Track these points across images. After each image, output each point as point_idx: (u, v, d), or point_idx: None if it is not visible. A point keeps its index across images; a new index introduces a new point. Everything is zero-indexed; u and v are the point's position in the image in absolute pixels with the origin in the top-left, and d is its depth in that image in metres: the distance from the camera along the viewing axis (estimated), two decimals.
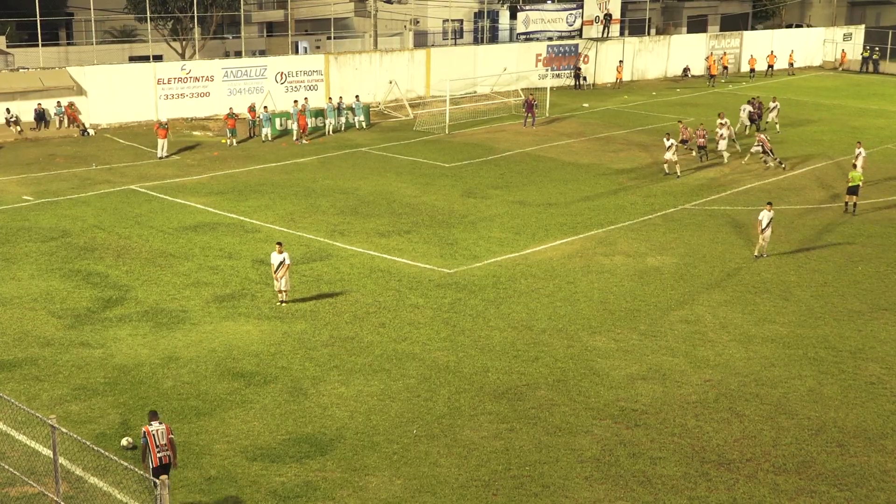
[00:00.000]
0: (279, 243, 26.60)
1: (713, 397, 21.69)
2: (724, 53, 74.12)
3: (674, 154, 41.63)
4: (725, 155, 43.99)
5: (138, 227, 33.26)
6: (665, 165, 41.94)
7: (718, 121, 46.01)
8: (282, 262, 26.01)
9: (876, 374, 23.02)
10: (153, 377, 22.10)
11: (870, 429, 20.46)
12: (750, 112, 51.36)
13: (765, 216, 30.80)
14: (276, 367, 22.70)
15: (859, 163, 38.67)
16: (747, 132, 50.42)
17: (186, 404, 20.87)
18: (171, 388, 21.65)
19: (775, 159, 42.85)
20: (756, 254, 31.21)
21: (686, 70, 72.18)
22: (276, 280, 26.26)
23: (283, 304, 26.29)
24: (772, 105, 51.45)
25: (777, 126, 51.48)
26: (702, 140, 43.83)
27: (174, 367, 22.67)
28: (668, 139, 42.05)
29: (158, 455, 16.71)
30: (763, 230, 30.84)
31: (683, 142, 44.67)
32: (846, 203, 37.07)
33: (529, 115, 52.25)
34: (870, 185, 40.45)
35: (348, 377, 22.29)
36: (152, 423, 16.88)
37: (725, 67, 73.00)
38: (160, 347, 23.70)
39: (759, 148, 42.89)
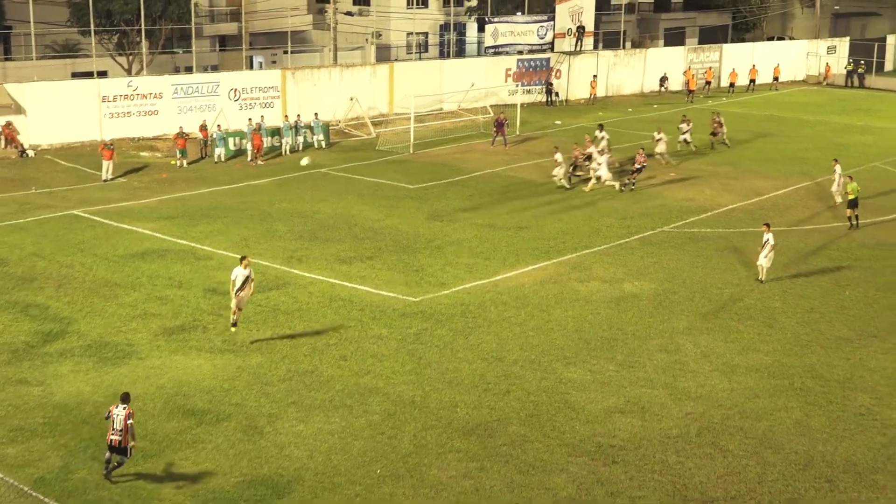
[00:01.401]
0: (244, 257, 26.37)
1: (695, 431, 21.75)
2: (710, 69, 74.75)
3: (563, 168, 43.14)
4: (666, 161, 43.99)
5: (81, 255, 32.99)
6: (555, 178, 43.27)
7: (655, 136, 47.91)
8: (247, 279, 25.81)
9: (865, 404, 23.19)
10: (97, 416, 21.84)
11: (860, 463, 20.58)
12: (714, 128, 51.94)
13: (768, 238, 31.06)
14: (229, 404, 22.53)
15: (838, 181, 39.26)
16: (694, 148, 50.86)
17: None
18: None
19: (622, 180, 43.35)
20: (762, 275, 31.52)
21: (664, 79, 72.70)
22: (235, 297, 25.99)
23: (234, 328, 26.09)
24: (685, 128, 51.58)
25: (713, 144, 51.55)
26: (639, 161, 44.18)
27: None
28: (557, 151, 43.85)
29: (111, 436, 18.85)
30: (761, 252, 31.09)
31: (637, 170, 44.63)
32: (849, 219, 37.55)
33: (499, 134, 52.41)
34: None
35: (307, 414, 22.16)
36: (119, 405, 18.91)
37: (708, 82, 73.62)
38: (104, 384, 23.46)
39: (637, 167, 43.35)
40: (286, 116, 52.46)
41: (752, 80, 75.29)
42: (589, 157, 44.42)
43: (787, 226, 38.07)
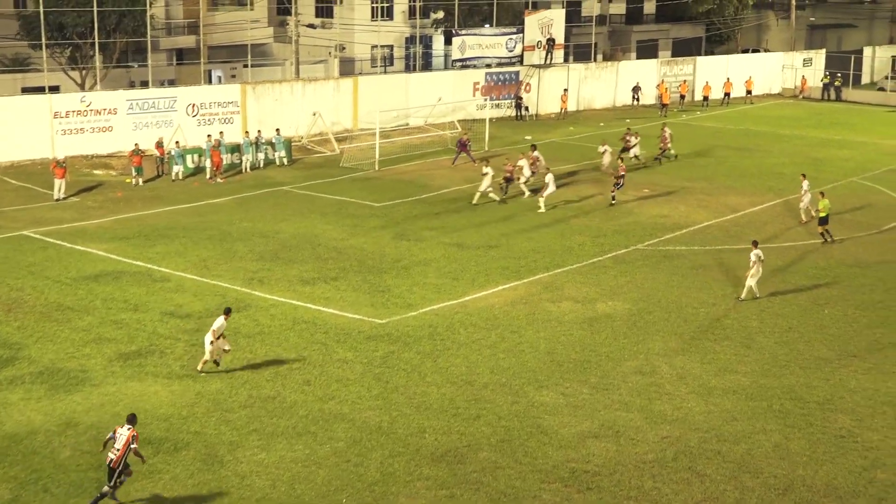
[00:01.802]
0: (229, 310, 25.93)
1: (671, 455, 21.80)
2: (684, 82, 75.29)
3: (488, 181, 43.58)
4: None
5: (32, 278, 32.72)
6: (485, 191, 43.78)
7: (599, 148, 49.00)
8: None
9: (846, 426, 23.34)
10: (48, 446, 21.63)
11: (841, 486, 20.70)
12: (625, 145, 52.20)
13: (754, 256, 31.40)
14: (187, 432, 22.37)
15: (806, 199, 39.61)
16: (637, 161, 51.45)
17: (86, 476, 20.45)
18: (69, 458, 21.20)
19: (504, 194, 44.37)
20: (752, 295, 31.76)
21: (636, 89, 73.09)
22: (215, 344, 25.37)
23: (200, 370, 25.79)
24: (633, 140, 52.01)
25: (636, 158, 51.92)
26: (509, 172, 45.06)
27: (72, 434, 22.22)
28: (485, 165, 44.32)
29: (109, 455, 19.25)
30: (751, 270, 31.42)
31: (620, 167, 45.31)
32: (821, 234, 37.92)
33: (463, 153, 52.22)
34: (834, 221, 41.25)
35: (269, 441, 22.04)
36: (124, 425, 19.37)
37: (683, 96, 74.12)
38: (56, 412, 23.24)
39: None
40: (247, 132, 52.34)
41: (727, 94, 75.90)
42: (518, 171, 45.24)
43: (764, 243, 38.30)
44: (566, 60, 73.09)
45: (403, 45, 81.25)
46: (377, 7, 78.11)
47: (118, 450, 19.11)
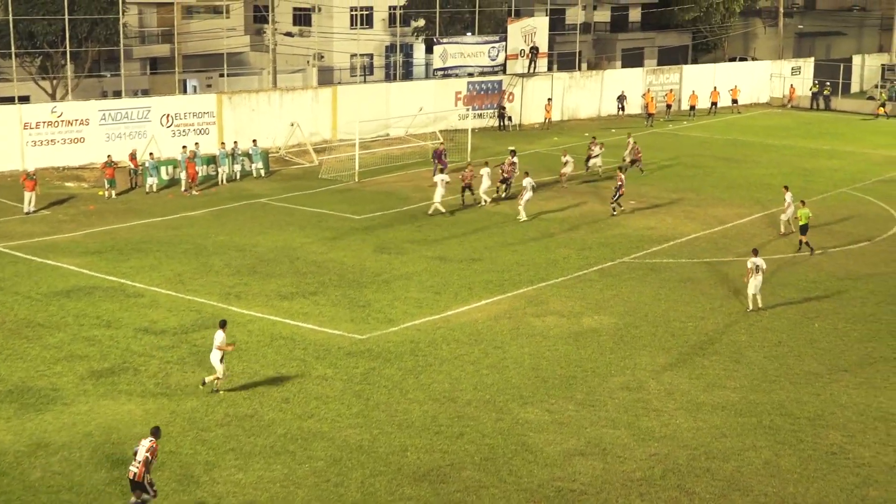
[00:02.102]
0: (223, 323, 25.79)
1: (660, 473, 21.82)
2: (670, 91, 75.56)
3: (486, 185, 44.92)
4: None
5: (1, 294, 32.56)
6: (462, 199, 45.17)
7: (563, 158, 49.45)
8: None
9: (837, 442, 23.41)
10: (18, 467, 21.50)
11: None
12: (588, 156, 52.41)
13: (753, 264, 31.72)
14: (162, 452, 22.23)
15: (789, 211, 39.79)
16: (601, 173, 51.76)
17: (58, 498, 20.33)
18: (40, 479, 21.08)
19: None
20: (757, 304, 32.09)
21: (622, 98, 73.27)
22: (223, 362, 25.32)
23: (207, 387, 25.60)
24: (596, 150, 52.03)
25: (600, 171, 52.13)
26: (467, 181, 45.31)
27: (43, 455, 22.10)
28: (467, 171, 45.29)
29: (131, 468, 19.50)
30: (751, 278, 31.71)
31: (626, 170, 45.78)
32: (800, 243, 38.06)
33: (441, 165, 52.19)
34: (824, 232, 41.45)
35: (247, 461, 21.97)
36: (147, 437, 19.67)
37: (669, 106, 74.32)
38: (26, 432, 23.11)
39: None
40: (223, 143, 52.26)
41: (714, 103, 76.19)
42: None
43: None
44: (550, 69, 73.32)
45: (383, 54, 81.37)
46: (356, 15, 78.21)
47: (139, 462, 19.38)
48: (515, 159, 47.98)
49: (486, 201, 45.40)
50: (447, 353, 28.16)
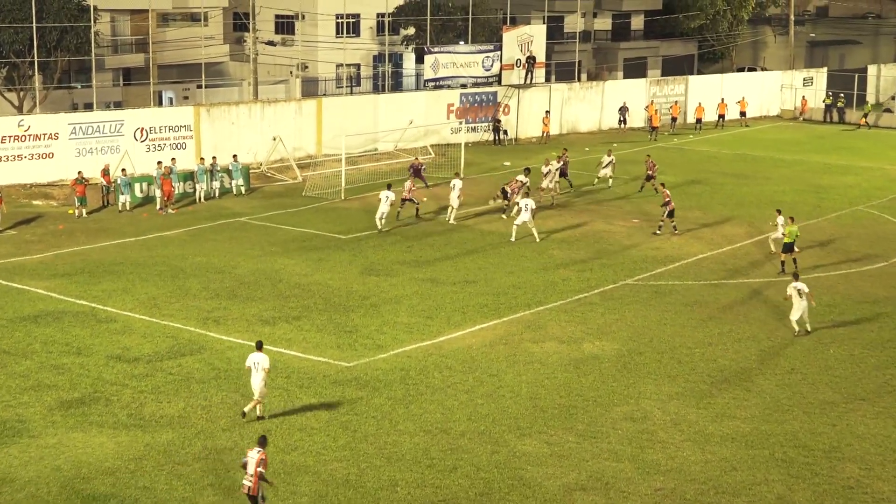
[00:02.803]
0: (260, 345, 25.99)
1: None
2: (675, 103, 75.65)
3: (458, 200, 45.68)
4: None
5: None
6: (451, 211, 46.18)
7: (544, 169, 49.98)
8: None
9: (854, 475, 23.41)
10: None
11: None
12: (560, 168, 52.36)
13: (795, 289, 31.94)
14: (136, 488, 22.21)
15: (779, 232, 39.62)
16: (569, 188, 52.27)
17: None
18: None
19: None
20: (804, 329, 32.31)
21: (624, 110, 73.20)
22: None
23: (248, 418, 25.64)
24: (556, 165, 51.99)
25: (643, 187, 52.31)
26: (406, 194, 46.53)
27: (8, 491, 22.01)
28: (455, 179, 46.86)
29: (245, 482, 20.32)
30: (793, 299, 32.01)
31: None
32: (782, 263, 38.08)
33: (418, 178, 52.17)
34: (839, 252, 41.57)
35: (225, 498, 21.89)
36: (255, 448, 20.46)
37: (674, 119, 74.44)
38: None
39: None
40: (202, 159, 52.26)
41: (721, 116, 76.36)
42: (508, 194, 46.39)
43: (763, 277, 38.55)
44: (548, 80, 73.53)
45: (371, 64, 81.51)
46: (342, 23, 78.42)
47: (251, 476, 20.16)
48: (526, 179, 47.68)
49: (451, 218, 46.17)
50: (439, 382, 28.13)
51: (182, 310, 33.72)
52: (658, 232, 43.72)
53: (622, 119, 73.27)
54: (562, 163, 51.64)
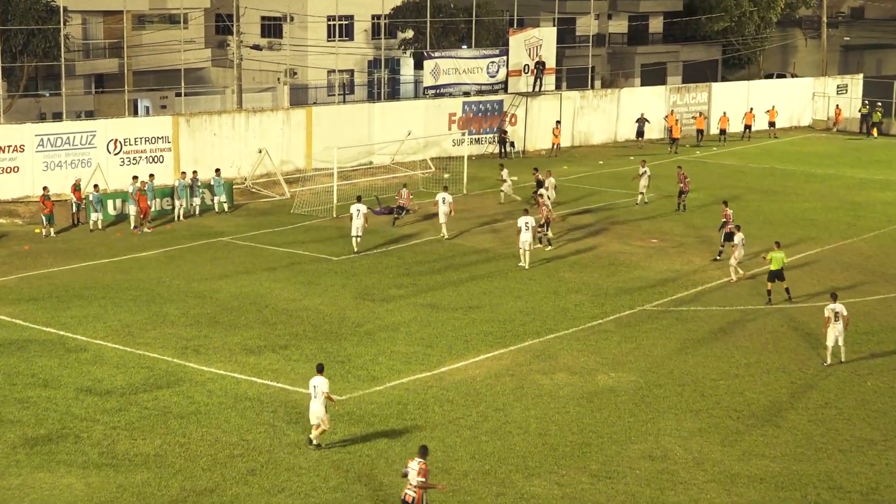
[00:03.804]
0: (321, 368, 26.39)
1: None
2: (700, 115, 75.41)
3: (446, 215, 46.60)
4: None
5: None
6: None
7: (640, 169, 51.77)
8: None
9: None
10: None
11: None
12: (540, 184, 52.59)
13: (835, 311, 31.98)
14: None
15: (739, 254, 39.21)
16: (515, 199, 52.85)
17: None
18: None
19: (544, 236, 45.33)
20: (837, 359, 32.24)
21: (642, 122, 72.49)
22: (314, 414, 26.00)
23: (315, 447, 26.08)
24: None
25: (680, 205, 52.33)
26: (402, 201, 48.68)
27: None
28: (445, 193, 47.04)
29: (405, 491, 21.32)
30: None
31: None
32: (768, 292, 37.84)
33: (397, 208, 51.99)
34: (876, 276, 41.53)
35: None
36: (416, 458, 21.50)
37: (700, 131, 74.08)
38: None
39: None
40: (182, 173, 52.30)
41: (748, 126, 76.35)
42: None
43: (794, 303, 38.48)
44: (558, 87, 73.70)
45: (366, 70, 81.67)
46: (334, 25, 78.52)
47: (415, 486, 21.18)
48: (543, 191, 48.11)
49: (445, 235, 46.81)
50: (440, 417, 28.08)
51: (159, 338, 33.68)
52: (718, 258, 43.43)
53: (640, 131, 72.83)
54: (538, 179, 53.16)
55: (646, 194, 53.74)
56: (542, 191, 48.29)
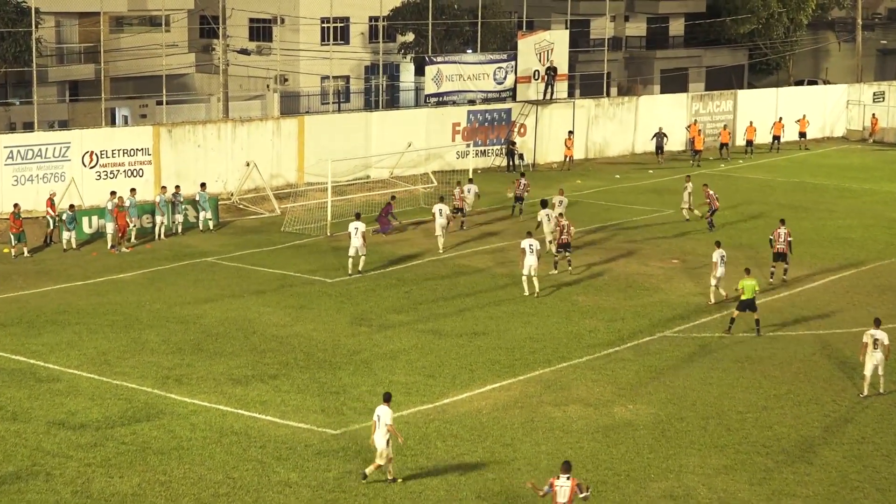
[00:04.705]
0: (388, 397, 26.43)
1: None
2: (725, 127, 75.08)
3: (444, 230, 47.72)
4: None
5: None
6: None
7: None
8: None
9: None
10: None
11: None
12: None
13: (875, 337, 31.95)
14: None
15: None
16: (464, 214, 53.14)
17: None
18: None
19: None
20: (875, 390, 32.18)
21: (660, 136, 71.73)
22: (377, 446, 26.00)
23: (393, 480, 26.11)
24: (558, 202, 52.03)
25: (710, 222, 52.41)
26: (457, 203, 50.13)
27: None
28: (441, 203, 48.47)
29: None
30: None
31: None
32: (731, 321, 37.59)
33: (384, 222, 51.82)
34: None
35: None
36: (561, 476, 22.41)
37: (725, 145, 73.70)
38: None
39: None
40: (163, 188, 52.27)
41: (777, 137, 76.33)
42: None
43: (828, 328, 38.45)
44: (571, 95, 73.77)
45: (363, 76, 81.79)
46: (329, 28, 78.57)
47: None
48: (559, 213, 48.33)
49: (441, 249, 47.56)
50: (443, 453, 28.03)
51: (137, 367, 33.65)
52: (772, 280, 43.46)
53: (659, 147, 71.90)
54: (524, 191, 54.67)
55: (685, 211, 53.78)
56: (548, 212, 47.83)
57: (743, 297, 37.32)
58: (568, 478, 22.24)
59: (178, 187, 52.18)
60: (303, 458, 27.54)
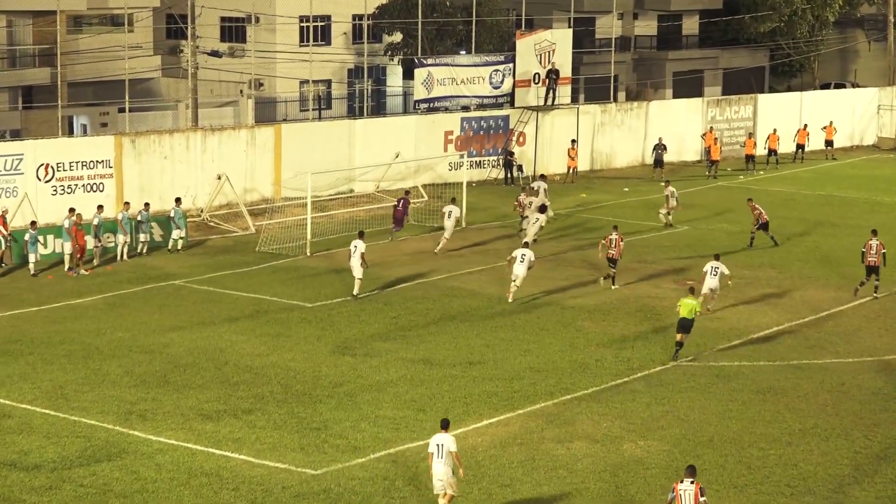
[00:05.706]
0: (446, 423, 26.51)
1: None
2: (750, 136, 74.87)
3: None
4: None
5: None
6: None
7: (665, 190, 54.33)
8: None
9: None
10: None
11: None
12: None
13: None
14: None
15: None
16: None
17: None
18: None
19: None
20: None
21: (660, 148, 70.98)
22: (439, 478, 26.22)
23: None
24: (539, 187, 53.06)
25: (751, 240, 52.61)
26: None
27: None
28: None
29: None
30: None
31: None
32: (677, 345, 37.52)
33: (399, 220, 52.61)
34: None
35: None
36: (684, 480, 23.57)
37: (750, 157, 73.72)
38: None
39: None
40: (126, 204, 52.18)
41: (801, 146, 76.38)
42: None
43: (858, 356, 38.48)
44: (575, 100, 73.89)
45: (345, 80, 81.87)
46: (308, 27, 78.77)
47: None
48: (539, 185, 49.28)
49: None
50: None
51: (97, 401, 33.61)
52: (859, 288, 44.24)
53: (659, 160, 71.33)
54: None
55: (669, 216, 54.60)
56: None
57: (681, 316, 37.32)
58: (692, 482, 23.32)
59: (147, 204, 51.84)
60: (280, 501, 27.51)
